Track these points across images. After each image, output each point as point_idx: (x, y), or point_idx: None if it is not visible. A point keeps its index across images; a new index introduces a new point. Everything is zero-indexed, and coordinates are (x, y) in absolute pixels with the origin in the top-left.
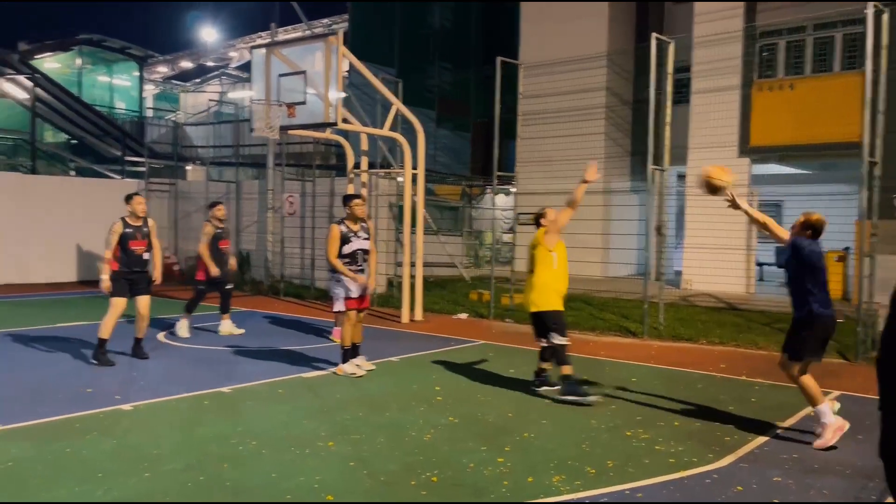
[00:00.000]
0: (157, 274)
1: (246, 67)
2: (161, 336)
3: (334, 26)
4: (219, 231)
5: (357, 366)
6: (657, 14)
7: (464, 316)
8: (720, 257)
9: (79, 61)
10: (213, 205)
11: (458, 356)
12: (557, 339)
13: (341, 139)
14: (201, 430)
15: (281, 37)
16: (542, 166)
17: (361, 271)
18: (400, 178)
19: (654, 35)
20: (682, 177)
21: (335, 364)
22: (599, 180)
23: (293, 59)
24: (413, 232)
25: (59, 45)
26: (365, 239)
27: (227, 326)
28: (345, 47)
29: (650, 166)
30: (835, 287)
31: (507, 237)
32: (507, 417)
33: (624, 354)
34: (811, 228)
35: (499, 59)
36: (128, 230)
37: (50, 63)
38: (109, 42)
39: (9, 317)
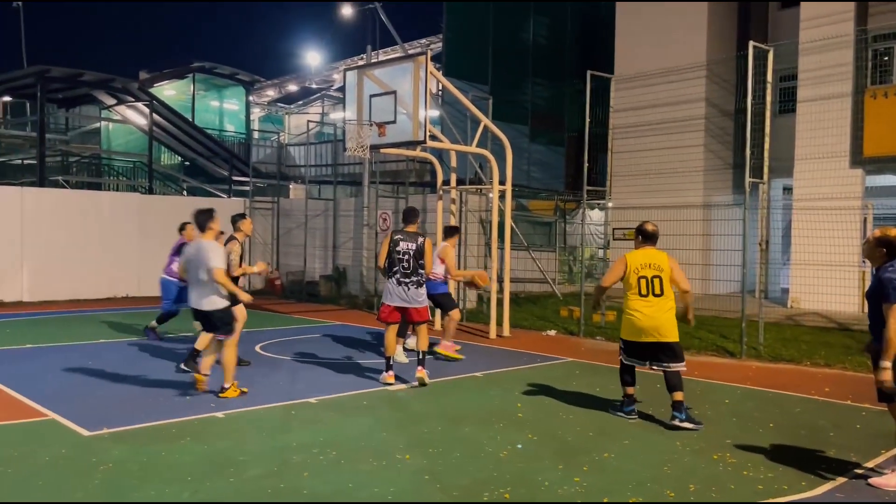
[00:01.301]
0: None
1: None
2: (258, 348)
3: (431, 46)
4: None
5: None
6: (761, 21)
7: (552, 333)
8: (831, 275)
9: (192, 88)
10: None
11: (544, 373)
12: (682, 366)
13: (430, 156)
14: (286, 439)
15: (381, 57)
16: (638, 180)
17: None
18: (490, 194)
19: (750, 43)
20: (788, 190)
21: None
22: (699, 193)
23: (387, 80)
24: (500, 248)
25: (176, 73)
26: None
27: (399, 353)
28: (433, 66)
29: (748, 179)
30: None
31: (601, 253)
32: (588, 436)
33: (719, 375)
34: (888, 245)
35: (589, 73)
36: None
37: (167, 90)
38: (220, 69)
39: (128, 327)
